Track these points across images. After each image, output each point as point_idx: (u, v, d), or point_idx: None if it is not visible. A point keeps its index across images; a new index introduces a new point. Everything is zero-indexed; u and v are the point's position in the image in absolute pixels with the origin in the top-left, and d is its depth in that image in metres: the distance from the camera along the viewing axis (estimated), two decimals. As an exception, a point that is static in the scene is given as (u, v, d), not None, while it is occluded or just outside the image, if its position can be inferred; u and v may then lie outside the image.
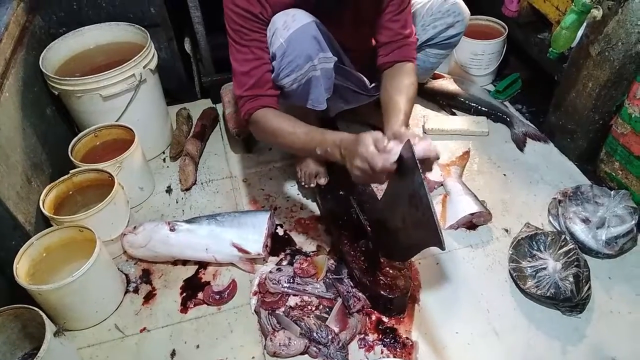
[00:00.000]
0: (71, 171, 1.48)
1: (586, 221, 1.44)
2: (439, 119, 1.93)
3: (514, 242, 1.41)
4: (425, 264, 1.43)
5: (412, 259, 1.40)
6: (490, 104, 1.95)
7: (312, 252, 1.47)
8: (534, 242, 1.38)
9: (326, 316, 1.27)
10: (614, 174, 1.58)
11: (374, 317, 1.30)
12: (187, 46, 2.03)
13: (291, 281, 1.33)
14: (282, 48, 1.23)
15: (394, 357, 1.21)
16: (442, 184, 1.65)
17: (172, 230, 1.42)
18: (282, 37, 1.22)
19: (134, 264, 1.48)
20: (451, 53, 2.02)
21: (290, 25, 1.22)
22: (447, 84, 2.01)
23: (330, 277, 1.34)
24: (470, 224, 1.53)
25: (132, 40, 1.76)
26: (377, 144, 1.06)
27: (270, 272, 1.36)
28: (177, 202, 1.68)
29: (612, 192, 1.47)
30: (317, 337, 1.22)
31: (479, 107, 1.94)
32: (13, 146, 1.39)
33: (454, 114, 1.97)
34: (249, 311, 1.34)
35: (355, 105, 1.71)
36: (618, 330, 1.26)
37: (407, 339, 1.26)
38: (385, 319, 1.30)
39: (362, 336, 1.26)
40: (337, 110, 1.75)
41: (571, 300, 1.26)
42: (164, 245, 1.42)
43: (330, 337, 1.21)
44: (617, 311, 1.30)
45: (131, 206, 1.56)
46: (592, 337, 1.25)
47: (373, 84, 1.60)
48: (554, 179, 1.67)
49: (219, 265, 1.46)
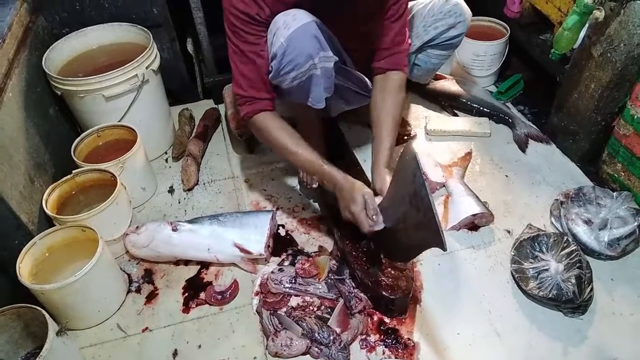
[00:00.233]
0: (74, 171, 1.48)
1: (588, 222, 1.44)
2: (441, 120, 1.93)
3: (516, 244, 1.41)
4: (427, 264, 1.43)
5: (413, 259, 1.40)
6: (492, 105, 1.94)
7: (314, 252, 1.47)
8: (536, 244, 1.38)
9: (328, 317, 1.27)
10: (616, 176, 1.58)
11: (375, 318, 1.30)
12: (190, 47, 2.03)
13: (293, 281, 1.33)
14: (283, 47, 1.23)
15: (396, 358, 1.21)
16: (444, 185, 1.65)
17: (174, 230, 1.43)
18: (283, 36, 1.23)
19: (137, 264, 1.48)
20: (453, 54, 2.03)
21: (291, 25, 1.23)
22: (449, 85, 2.01)
23: (332, 277, 1.34)
24: (472, 225, 1.53)
25: (135, 40, 1.76)
26: (367, 208, 1.24)
27: (272, 272, 1.36)
28: (179, 203, 1.68)
29: (615, 194, 1.46)
30: (319, 337, 1.22)
31: (481, 108, 1.94)
32: (16, 146, 1.40)
33: (456, 115, 1.97)
34: (251, 311, 1.34)
35: (356, 106, 1.71)
36: (620, 332, 1.26)
37: (409, 339, 1.26)
38: (387, 320, 1.30)
39: (363, 337, 1.26)
40: (338, 110, 1.76)
41: (573, 302, 1.26)
42: (166, 245, 1.42)
43: (331, 337, 1.21)
44: (620, 313, 1.30)
45: (134, 206, 1.56)
46: (594, 339, 1.25)
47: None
48: (556, 180, 1.67)
49: (221, 266, 1.46)
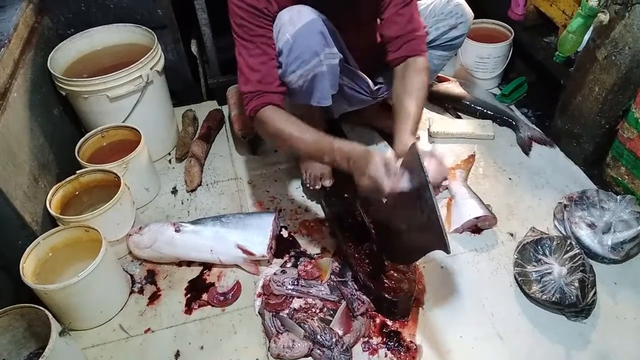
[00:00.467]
0: (78, 171, 1.49)
1: (592, 226, 1.43)
2: (444, 122, 1.93)
3: (519, 247, 1.40)
4: (429, 267, 1.43)
5: (416, 262, 1.40)
6: (495, 107, 1.94)
7: (317, 254, 1.47)
8: (539, 247, 1.38)
9: (330, 319, 1.27)
10: (620, 179, 1.57)
11: (378, 320, 1.30)
12: (194, 48, 2.03)
13: (295, 283, 1.33)
14: (289, 43, 1.23)
15: (398, 361, 1.21)
16: (447, 188, 1.64)
17: (177, 231, 1.43)
18: (289, 32, 1.22)
19: (139, 265, 1.49)
20: (456, 56, 2.03)
21: (297, 21, 1.22)
22: (453, 87, 2.01)
23: (335, 279, 1.34)
24: (475, 227, 1.53)
25: (139, 41, 1.77)
26: (387, 166, 1.10)
27: (275, 274, 1.36)
28: (182, 203, 1.69)
29: (619, 197, 1.46)
30: (321, 339, 1.22)
31: (485, 110, 1.94)
32: (21, 146, 1.40)
33: (460, 117, 1.97)
34: (253, 313, 1.35)
35: (359, 107, 1.71)
36: (623, 336, 1.25)
37: (411, 342, 1.25)
38: (389, 322, 1.30)
39: (366, 339, 1.26)
40: (340, 111, 1.76)
41: (576, 306, 1.25)
42: (169, 246, 1.43)
43: (334, 339, 1.21)
44: (623, 317, 1.29)
45: (137, 207, 1.57)
46: (597, 343, 1.24)
47: (377, 85, 1.60)
48: (559, 183, 1.67)
49: (224, 267, 1.46)
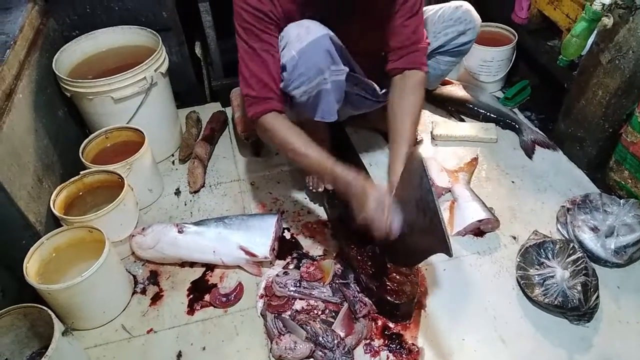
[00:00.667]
0: (82, 172, 1.49)
1: (595, 230, 1.43)
2: (448, 125, 1.93)
3: (522, 250, 1.40)
4: (432, 270, 1.43)
5: (419, 265, 1.40)
6: (499, 110, 1.94)
7: (319, 256, 1.48)
8: (542, 250, 1.37)
9: (332, 321, 1.27)
10: (623, 183, 1.57)
11: (380, 323, 1.30)
12: (198, 50, 2.04)
13: (298, 285, 1.33)
14: (294, 60, 1.23)
15: (400, 363, 1.21)
16: (449, 190, 1.64)
17: (180, 232, 1.43)
18: (295, 49, 1.22)
19: (142, 265, 1.49)
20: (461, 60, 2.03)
21: (304, 38, 1.22)
22: (456, 90, 2.01)
23: (337, 281, 1.34)
24: (478, 230, 1.53)
25: (144, 43, 1.78)
26: (382, 208, 1.16)
27: (277, 275, 1.36)
28: (185, 205, 1.69)
29: (622, 201, 1.46)
30: (323, 341, 1.22)
31: (488, 113, 1.94)
32: (25, 147, 1.41)
33: (463, 120, 1.97)
34: (255, 314, 1.35)
35: (365, 111, 1.71)
36: (626, 340, 1.25)
37: (413, 345, 1.25)
38: (391, 325, 1.29)
39: (367, 341, 1.26)
40: (346, 115, 1.76)
41: (579, 309, 1.25)
42: (172, 247, 1.43)
43: (336, 341, 1.21)
44: (626, 321, 1.29)
45: (140, 208, 1.57)
46: (599, 347, 1.24)
47: (383, 90, 1.60)
48: (562, 186, 1.67)
49: (226, 268, 1.47)
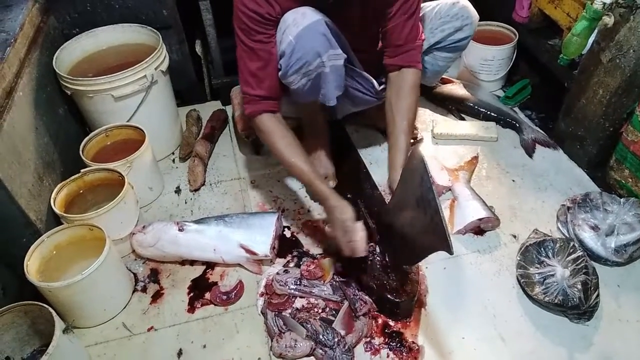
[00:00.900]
0: (82, 170, 1.49)
1: (595, 228, 1.43)
2: (448, 123, 1.93)
3: (522, 248, 1.40)
4: (432, 268, 1.43)
5: (419, 263, 1.40)
6: (499, 109, 1.94)
7: (319, 254, 1.48)
8: (542, 249, 1.37)
9: (332, 319, 1.28)
10: (623, 182, 1.57)
11: (380, 321, 1.30)
12: (198, 48, 2.04)
13: (298, 283, 1.33)
14: (291, 45, 1.24)
15: (400, 361, 1.21)
16: (450, 189, 1.64)
17: (180, 230, 1.43)
18: (292, 34, 1.24)
19: (143, 263, 1.49)
20: (461, 58, 2.03)
21: (300, 23, 1.24)
22: (457, 88, 2.01)
23: (337, 279, 1.34)
24: (478, 229, 1.53)
25: (144, 41, 1.78)
26: (344, 231, 1.25)
27: (278, 273, 1.37)
28: (185, 203, 1.69)
29: (622, 200, 1.46)
30: (323, 339, 1.22)
31: (488, 112, 1.94)
32: (26, 145, 1.41)
33: (463, 119, 1.97)
34: (256, 312, 1.35)
35: (363, 108, 1.71)
36: (626, 339, 1.25)
37: (413, 343, 1.25)
38: (391, 323, 1.30)
39: (368, 339, 1.26)
40: (344, 112, 1.76)
41: (579, 308, 1.25)
42: (172, 245, 1.43)
43: (336, 339, 1.21)
44: (626, 319, 1.29)
45: (140, 206, 1.57)
46: (599, 345, 1.24)
47: (382, 86, 1.60)
48: (563, 185, 1.67)
49: (227, 266, 1.47)
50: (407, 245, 1.23)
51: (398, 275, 1.31)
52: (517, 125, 1.89)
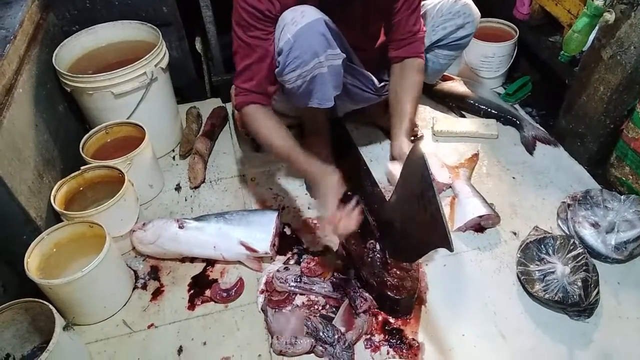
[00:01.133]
0: (82, 167, 1.49)
1: (595, 225, 1.43)
2: (448, 121, 1.93)
3: (522, 246, 1.40)
4: (432, 265, 1.43)
5: (419, 260, 1.40)
6: (500, 106, 1.94)
7: (320, 251, 1.47)
8: (542, 246, 1.37)
9: (333, 316, 1.28)
10: (624, 179, 1.57)
11: (380, 318, 1.30)
12: (198, 45, 2.04)
13: (298, 280, 1.33)
14: (289, 43, 1.24)
15: (400, 358, 1.21)
16: (450, 186, 1.64)
17: (180, 227, 1.43)
18: (290, 32, 1.23)
19: (143, 261, 1.49)
20: (461, 55, 2.03)
21: (299, 21, 1.23)
22: (457, 86, 2.01)
23: (337, 277, 1.35)
24: (479, 226, 1.53)
25: (144, 38, 1.77)
26: (329, 200, 1.23)
27: (278, 270, 1.37)
28: (186, 200, 1.69)
29: (623, 197, 1.46)
30: (324, 336, 1.22)
31: (489, 109, 1.94)
32: (26, 142, 1.41)
33: (464, 116, 1.97)
34: (256, 309, 1.35)
35: (363, 105, 1.71)
36: (626, 336, 1.25)
37: (414, 340, 1.26)
38: (391, 320, 1.30)
39: (368, 336, 1.26)
40: (345, 110, 1.76)
41: (579, 305, 1.25)
42: (172, 242, 1.43)
43: (336, 336, 1.22)
44: (626, 316, 1.29)
45: (141, 203, 1.57)
46: (600, 342, 1.24)
47: (382, 83, 1.60)
48: (563, 182, 1.66)
49: (227, 263, 1.47)
50: (407, 243, 1.23)
51: (398, 272, 1.31)
52: (518, 123, 1.88)
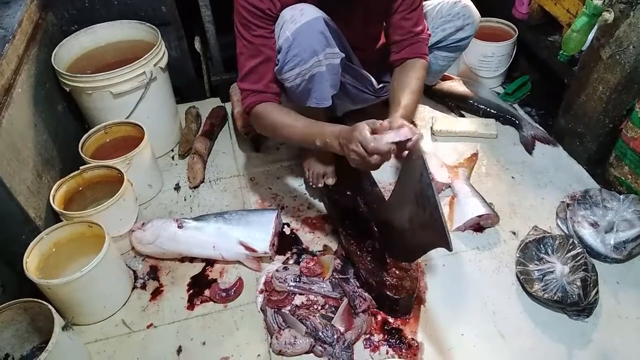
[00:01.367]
0: (81, 167, 1.49)
1: (595, 225, 1.43)
2: (448, 120, 1.93)
3: (522, 245, 1.40)
4: (431, 265, 1.43)
5: (418, 260, 1.40)
6: (499, 106, 1.94)
7: (319, 251, 1.48)
8: (541, 246, 1.37)
9: (332, 315, 1.28)
10: (623, 178, 1.57)
11: (379, 318, 1.30)
12: (197, 45, 2.04)
13: (297, 280, 1.33)
14: (289, 41, 1.23)
15: (399, 358, 1.21)
16: (449, 186, 1.64)
17: (180, 227, 1.43)
18: (289, 30, 1.23)
19: (142, 260, 1.49)
20: (460, 55, 2.03)
21: (298, 19, 1.23)
22: (456, 85, 2.01)
23: (337, 276, 1.35)
24: (478, 226, 1.53)
25: (143, 38, 1.77)
26: (372, 128, 1.10)
27: (277, 270, 1.37)
28: (185, 200, 1.69)
29: (622, 197, 1.46)
30: (323, 336, 1.22)
31: (488, 109, 1.94)
32: (25, 141, 1.41)
33: (463, 115, 1.97)
34: (255, 309, 1.35)
35: (362, 106, 1.71)
36: (625, 335, 1.25)
37: (413, 339, 1.26)
38: (391, 320, 1.30)
39: (367, 336, 1.26)
40: (344, 110, 1.76)
41: (578, 305, 1.25)
42: (171, 242, 1.43)
43: (335, 336, 1.22)
44: (625, 316, 1.29)
45: (140, 203, 1.57)
46: (599, 342, 1.24)
47: (381, 84, 1.60)
48: (562, 182, 1.67)
49: (226, 263, 1.47)
50: (406, 242, 1.23)
51: (397, 272, 1.31)
52: (517, 122, 1.88)
